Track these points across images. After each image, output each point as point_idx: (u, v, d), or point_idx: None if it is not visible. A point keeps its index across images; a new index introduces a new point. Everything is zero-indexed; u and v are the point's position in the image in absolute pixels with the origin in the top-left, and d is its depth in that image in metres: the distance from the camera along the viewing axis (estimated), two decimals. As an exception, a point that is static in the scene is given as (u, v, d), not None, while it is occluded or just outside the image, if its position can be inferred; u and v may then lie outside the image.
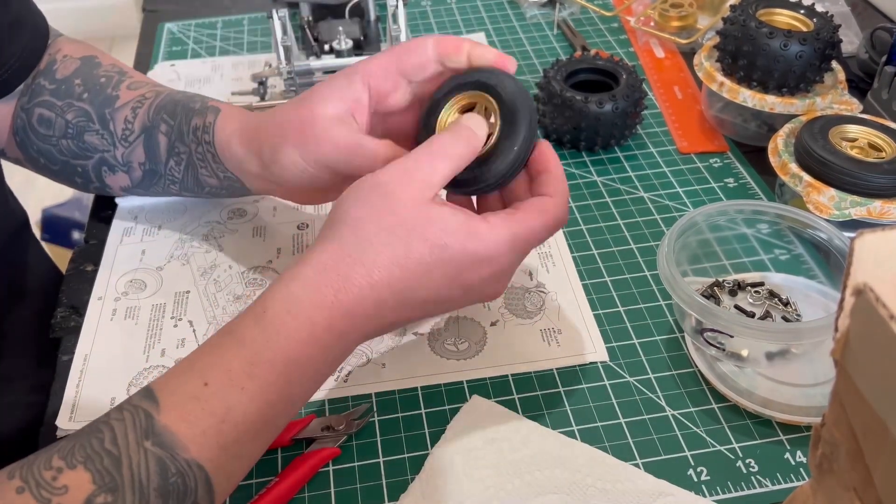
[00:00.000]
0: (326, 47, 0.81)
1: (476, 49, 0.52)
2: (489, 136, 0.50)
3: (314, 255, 0.46)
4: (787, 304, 0.57)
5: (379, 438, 0.52)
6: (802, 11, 0.71)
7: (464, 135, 0.49)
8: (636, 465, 0.50)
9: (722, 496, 0.48)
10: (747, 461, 0.50)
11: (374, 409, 0.54)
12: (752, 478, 0.49)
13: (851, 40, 0.85)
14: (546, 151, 0.51)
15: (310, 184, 0.55)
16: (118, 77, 0.64)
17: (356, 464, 0.51)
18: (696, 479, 0.49)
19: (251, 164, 0.57)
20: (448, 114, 0.53)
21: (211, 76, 0.88)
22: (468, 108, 0.53)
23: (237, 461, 0.43)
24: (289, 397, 0.44)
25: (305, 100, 0.54)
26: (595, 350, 0.57)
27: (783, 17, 0.71)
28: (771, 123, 0.72)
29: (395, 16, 0.77)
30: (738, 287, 0.58)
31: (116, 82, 0.63)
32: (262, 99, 0.81)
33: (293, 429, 0.52)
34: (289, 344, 0.43)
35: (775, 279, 0.60)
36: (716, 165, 0.73)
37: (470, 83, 0.52)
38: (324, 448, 0.51)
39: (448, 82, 0.53)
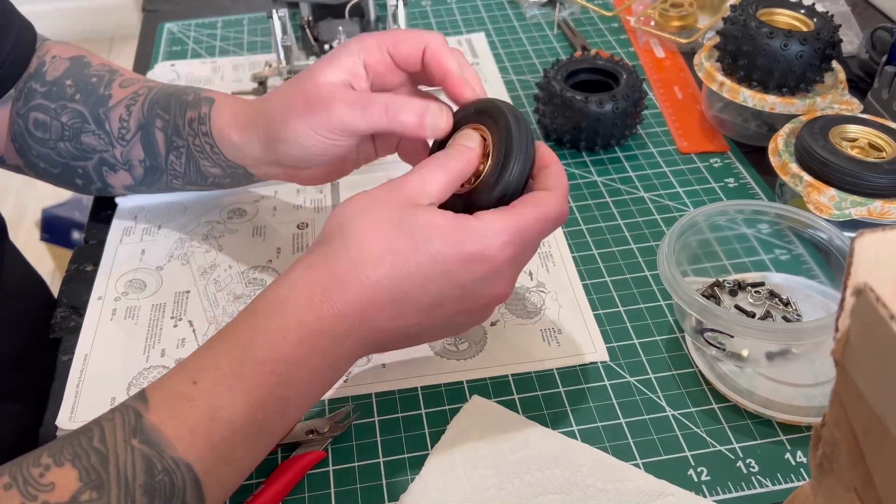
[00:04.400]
0: (326, 47, 0.81)
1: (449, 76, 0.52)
2: (487, 160, 0.50)
3: (304, 257, 0.46)
4: (787, 304, 0.57)
5: (379, 438, 0.52)
6: (802, 11, 0.71)
7: (456, 149, 0.49)
8: (636, 465, 0.50)
9: (722, 496, 0.48)
10: (747, 461, 0.50)
11: (375, 408, 0.54)
12: (753, 478, 0.49)
13: (851, 40, 0.85)
14: (544, 150, 0.51)
15: (316, 157, 0.54)
16: (109, 76, 0.63)
17: (356, 464, 0.51)
18: (696, 480, 0.49)
19: (252, 148, 0.56)
20: None
21: (211, 77, 0.88)
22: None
23: (228, 465, 0.42)
24: (282, 400, 0.43)
25: (304, 75, 0.53)
26: (595, 350, 0.57)
27: (783, 17, 0.71)
28: (771, 123, 0.72)
29: (395, 16, 0.77)
30: (739, 287, 0.58)
31: (108, 81, 0.63)
32: (262, 99, 0.81)
33: None
34: (277, 344, 0.43)
35: (775, 279, 0.60)
36: (716, 165, 0.73)
37: (467, 116, 0.52)
38: (309, 452, 0.51)
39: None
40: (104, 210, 0.71)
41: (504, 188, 0.48)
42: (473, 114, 0.51)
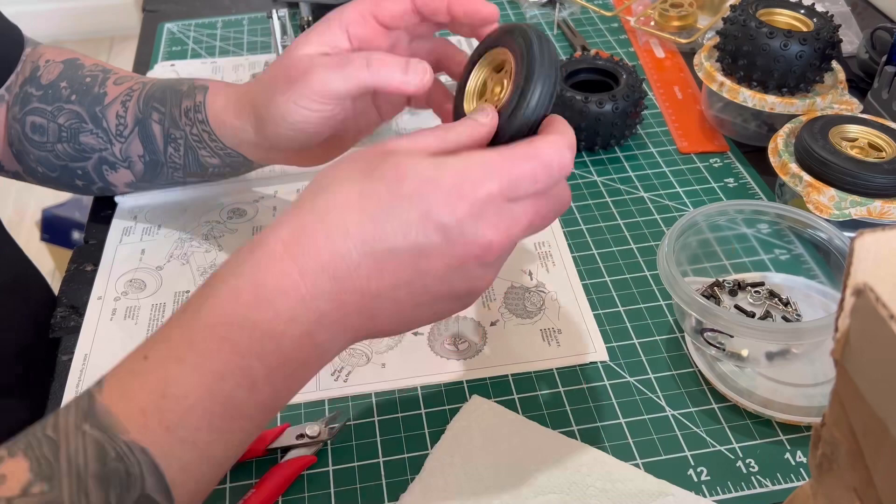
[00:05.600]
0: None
1: (457, 2, 0.49)
2: (507, 91, 0.46)
3: (276, 218, 0.42)
4: (787, 304, 0.57)
5: (378, 438, 0.52)
6: (802, 11, 0.71)
7: (464, 122, 0.44)
8: (636, 465, 0.50)
9: (722, 496, 0.48)
10: (747, 461, 0.50)
11: (374, 408, 0.54)
12: (752, 478, 0.49)
13: (851, 40, 0.85)
14: (555, 117, 0.47)
15: (305, 132, 0.52)
16: (103, 75, 0.64)
17: (356, 464, 0.51)
18: (696, 479, 0.49)
19: (247, 132, 0.56)
20: (477, 78, 0.50)
21: (211, 77, 0.88)
22: (498, 69, 0.50)
23: (190, 450, 0.37)
24: (244, 371, 0.38)
25: (283, 53, 0.52)
26: (595, 350, 0.57)
27: (783, 17, 0.71)
28: (771, 123, 0.72)
29: (395, 16, 0.76)
30: (738, 287, 0.58)
31: (102, 80, 0.63)
32: (262, 99, 0.81)
33: (267, 438, 0.51)
34: (228, 306, 0.38)
35: (775, 279, 0.60)
36: (716, 165, 0.73)
37: (492, 42, 0.49)
38: (300, 457, 0.50)
39: (479, 46, 0.51)
40: (104, 210, 0.71)
41: (523, 119, 0.44)
42: (499, 36, 0.48)
